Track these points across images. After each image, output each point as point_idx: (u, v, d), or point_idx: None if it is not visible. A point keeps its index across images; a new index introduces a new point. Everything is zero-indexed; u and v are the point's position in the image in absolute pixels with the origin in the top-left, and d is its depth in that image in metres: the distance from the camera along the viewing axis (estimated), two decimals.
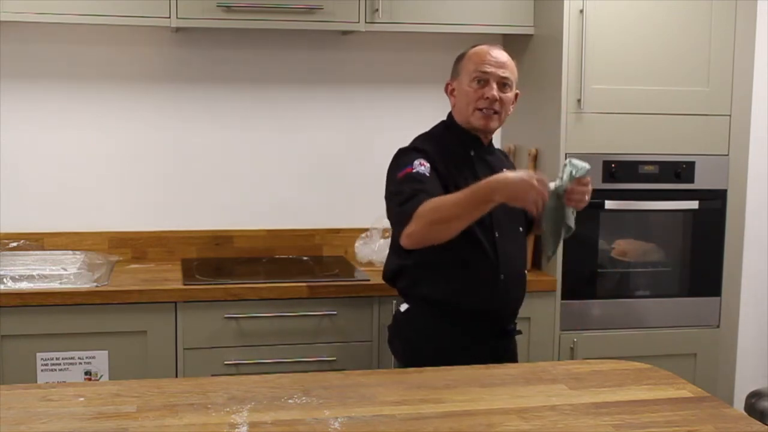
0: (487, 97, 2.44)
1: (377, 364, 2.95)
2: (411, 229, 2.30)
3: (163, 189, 3.36)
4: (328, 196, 3.48)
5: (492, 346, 2.49)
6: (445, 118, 2.61)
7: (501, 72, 2.47)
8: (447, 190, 2.38)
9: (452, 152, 2.49)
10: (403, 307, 2.54)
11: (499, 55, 2.49)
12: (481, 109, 2.46)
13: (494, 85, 2.45)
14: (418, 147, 2.49)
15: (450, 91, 2.56)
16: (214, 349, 2.86)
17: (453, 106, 2.56)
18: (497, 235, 2.46)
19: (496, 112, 2.47)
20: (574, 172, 2.30)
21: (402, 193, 2.37)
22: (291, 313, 2.90)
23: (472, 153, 2.52)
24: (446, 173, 2.43)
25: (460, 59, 2.55)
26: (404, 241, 2.35)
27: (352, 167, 3.47)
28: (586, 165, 2.32)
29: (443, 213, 2.27)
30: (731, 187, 3.19)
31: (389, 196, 2.46)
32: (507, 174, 2.30)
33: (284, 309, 2.90)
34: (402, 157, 2.48)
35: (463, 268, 2.43)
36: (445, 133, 2.56)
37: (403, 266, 2.51)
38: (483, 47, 2.51)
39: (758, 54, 3.17)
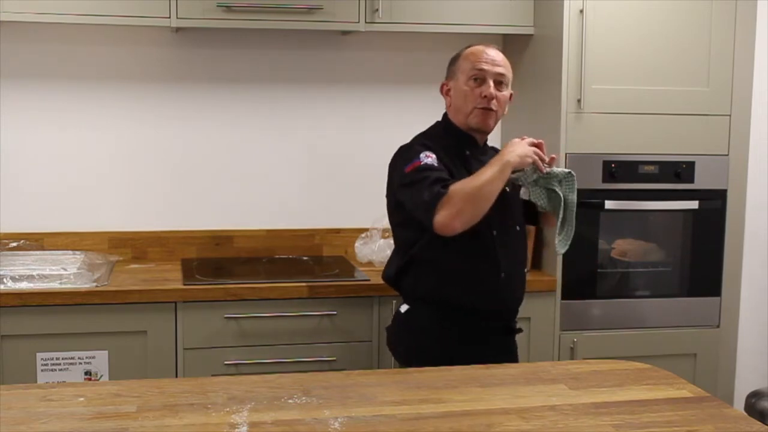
0: (485, 96, 2.46)
1: (377, 364, 2.95)
2: (449, 210, 2.29)
3: (163, 189, 3.36)
4: (328, 196, 3.48)
5: (493, 345, 2.50)
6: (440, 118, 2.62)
7: (497, 70, 2.49)
8: None
9: (448, 152, 2.50)
10: (404, 308, 2.55)
11: (495, 54, 2.51)
12: (479, 108, 2.47)
13: (491, 83, 2.47)
14: (421, 142, 2.51)
15: (446, 92, 2.58)
16: (214, 349, 2.86)
17: (449, 107, 2.57)
18: (495, 234, 2.46)
19: (492, 111, 2.49)
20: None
21: (421, 180, 2.36)
22: (291, 313, 2.90)
23: (467, 152, 2.53)
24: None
25: (455, 60, 2.57)
26: (443, 223, 2.30)
27: (352, 167, 3.47)
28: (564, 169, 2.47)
29: (474, 185, 2.31)
30: (731, 187, 3.19)
31: (404, 188, 2.42)
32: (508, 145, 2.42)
33: (284, 309, 2.90)
34: (406, 153, 2.49)
35: (463, 267, 2.43)
36: (442, 133, 2.57)
37: (404, 266, 2.51)
38: (478, 47, 2.53)
39: (758, 54, 3.17)
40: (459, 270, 2.44)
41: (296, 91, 3.42)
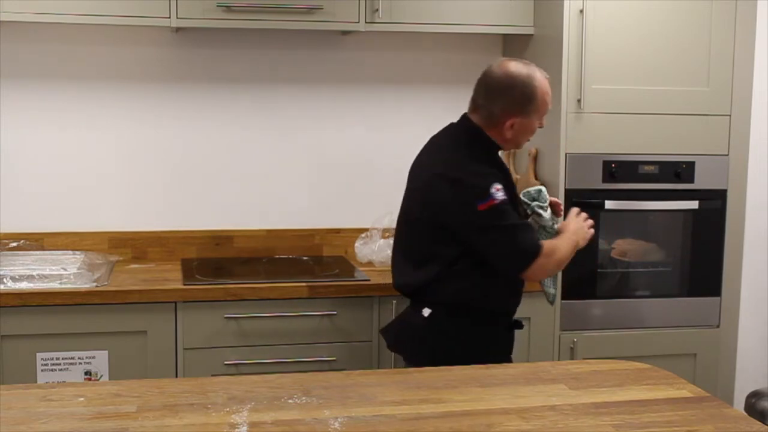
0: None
1: (377, 364, 2.95)
2: (542, 265, 2.47)
3: (163, 189, 3.36)
4: (328, 196, 3.48)
5: (507, 342, 2.60)
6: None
7: None
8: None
9: (486, 159, 2.53)
10: (426, 312, 2.53)
11: None
12: None
13: None
14: (484, 169, 2.47)
15: (509, 126, 2.49)
16: (214, 349, 2.86)
17: (499, 135, 2.51)
18: None
19: None
20: (537, 206, 2.59)
21: (507, 228, 2.43)
22: (291, 313, 2.90)
23: (496, 158, 2.60)
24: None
25: (532, 98, 2.47)
26: (534, 274, 2.49)
27: (352, 167, 3.47)
28: (537, 188, 2.60)
29: (563, 255, 2.51)
30: (731, 187, 3.19)
31: (482, 231, 2.43)
32: (572, 226, 2.60)
33: (284, 309, 2.90)
34: (475, 183, 2.43)
35: (492, 271, 2.49)
36: (476, 144, 2.52)
37: (438, 276, 2.50)
38: (546, 83, 2.50)
39: (758, 54, 3.17)
40: (490, 275, 2.50)
41: (296, 91, 3.41)
